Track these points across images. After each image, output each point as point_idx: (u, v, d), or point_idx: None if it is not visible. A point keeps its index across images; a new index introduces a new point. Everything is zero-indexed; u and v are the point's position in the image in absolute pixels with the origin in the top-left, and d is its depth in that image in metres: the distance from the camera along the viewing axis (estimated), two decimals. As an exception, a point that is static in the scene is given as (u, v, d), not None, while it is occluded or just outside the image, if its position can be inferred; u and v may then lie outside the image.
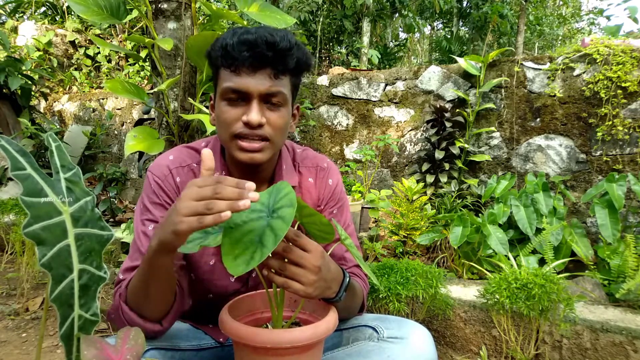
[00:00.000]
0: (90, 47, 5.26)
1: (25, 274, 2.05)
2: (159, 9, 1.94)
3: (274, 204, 0.63)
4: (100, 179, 3.48)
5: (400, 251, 2.19)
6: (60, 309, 0.45)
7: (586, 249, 1.98)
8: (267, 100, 0.81)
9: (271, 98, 0.81)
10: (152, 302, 0.76)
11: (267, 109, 0.81)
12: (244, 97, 0.80)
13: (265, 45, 0.77)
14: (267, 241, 0.57)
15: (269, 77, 0.79)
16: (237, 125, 0.80)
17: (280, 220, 0.59)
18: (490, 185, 2.40)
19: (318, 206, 0.98)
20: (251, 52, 0.77)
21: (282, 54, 0.78)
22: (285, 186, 0.64)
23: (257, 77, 0.79)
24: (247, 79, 0.78)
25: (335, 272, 0.75)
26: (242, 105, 0.81)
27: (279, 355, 0.64)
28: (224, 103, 0.81)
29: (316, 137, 3.33)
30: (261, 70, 0.79)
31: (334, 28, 5.96)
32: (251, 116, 0.79)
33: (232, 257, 0.57)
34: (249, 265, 0.56)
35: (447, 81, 2.83)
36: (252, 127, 0.80)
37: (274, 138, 0.83)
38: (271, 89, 0.79)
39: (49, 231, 0.44)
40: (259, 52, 0.77)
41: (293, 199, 0.60)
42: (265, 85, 0.79)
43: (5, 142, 0.44)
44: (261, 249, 0.56)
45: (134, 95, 1.76)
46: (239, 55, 0.77)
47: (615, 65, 2.28)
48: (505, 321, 1.36)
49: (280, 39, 0.77)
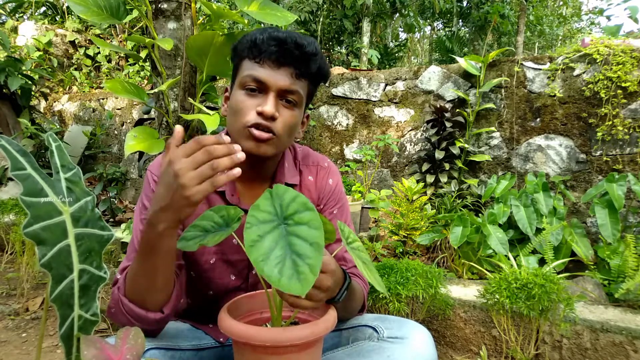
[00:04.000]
0: (90, 47, 5.26)
1: (25, 274, 2.05)
2: (159, 9, 1.94)
3: (281, 210, 0.61)
4: (100, 179, 3.48)
5: (400, 251, 2.19)
6: (60, 309, 0.45)
7: (586, 249, 1.98)
8: (283, 96, 0.83)
9: (288, 95, 0.83)
10: (155, 289, 0.75)
11: (282, 105, 0.83)
12: (263, 88, 0.82)
13: (293, 44, 0.80)
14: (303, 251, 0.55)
15: (291, 76, 0.82)
16: (251, 115, 0.82)
17: (305, 227, 0.57)
18: (490, 185, 2.40)
19: (318, 205, 0.98)
20: (279, 48, 0.80)
21: (307, 56, 0.82)
22: (285, 190, 0.62)
23: (279, 72, 0.81)
24: (270, 72, 0.81)
25: (339, 279, 0.75)
26: (259, 97, 0.82)
27: (278, 354, 0.64)
28: (242, 92, 0.83)
29: (316, 137, 3.33)
30: (285, 67, 0.81)
31: (334, 28, 5.96)
32: (266, 107, 0.80)
33: (278, 277, 0.54)
34: (305, 283, 0.53)
35: (447, 81, 2.83)
36: (265, 118, 0.81)
37: (281, 135, 0.84)
38: (291, 86, 0.82)
39: (49, 231, 0.44)
40: (287, 48, 0.80)
41: (307, 202, 0.59)
42: (286, 81, 0.81)
43: (5, 142, 0.44)
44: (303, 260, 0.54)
45: (134, 95, 1.76)
46: (266, 48, 0.80)
47: (615, 65, 2.28)
48: (505, 321, 1.36)
49: (308, 43, 0.82)
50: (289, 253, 0.56)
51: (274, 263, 0.56)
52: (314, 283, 0.58)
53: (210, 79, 1.94)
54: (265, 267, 0.55)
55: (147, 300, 0.76)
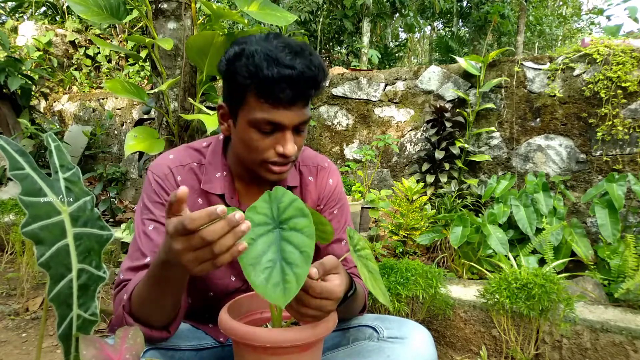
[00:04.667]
0: (90, 47, 5.26)
1: (25, 274, 2.05)
2: (159, 9, 1.94)
3: (278, 214, 0.61)
4: (100, 179, 3.48)
5: (400, 251, 2.19)
6: (59, 308, 0.45)
7: (586, 249, 1.98)
8: (297, 129, 0.81)
9: (301, 126, 0.81)
10: (164, 311, 0.75)
11: (295, 135, 0.81)
12: (277, 128, 0.79)
13: (306, 82, 0.75)
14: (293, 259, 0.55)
15: (303, 107, 0.78)
16: (269, 154, 0.80)
17: (299, 234, 0.57)
18: (490, 185, 2.40)
19: (318, 205, 0.98)
20: (294, 91, 0.74)
21: (319, 85, 0.78)
22: (284, 193, 0.62)
23: (293, 110, 0.77)
24: (285, 113, 0.76)
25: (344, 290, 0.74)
26: (274, 134, 0.79)
27: (278, 355, 0.64)
28: (255, 131, 0.79)
29: (316, 137, 3.33)
30: (297, 102, 0.77)
31: (334, 28, 5.96)
32: (288, 148, 0.78)
33: (264, 285, 0.54)
34: (288, 293, 0.53)
35: (447, 81, 2.83)
36: (286, 157, 0.80)
37: (297, 157, 0.84)
38: (304, 118, 0.79)
39: (47, 231, 0.44)
40: (302, 91, 0.75)
41: (303, 208, 0.58)
42: (301, 117, 0.79)
43: (4, 142, 0.44)
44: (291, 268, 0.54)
45: (134, 95, 1.76)
46: (280, 92, 0.74)
47: (615, 65, 2.28)
48: (505, 321, 1.36)
49: (317, 70, 0.75)
50: (280, 259, 0.56)
51: (262, 268, 0.56)
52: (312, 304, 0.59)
53: (210, 79, 1.94)
54: (252, 273, 0.55)
55: (153, 321, 0.76)
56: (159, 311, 0.75)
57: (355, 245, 0.69)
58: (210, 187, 0.89)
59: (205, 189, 0.89)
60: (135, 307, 0.74)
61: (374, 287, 0.65)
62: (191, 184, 0.90)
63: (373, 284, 0.65)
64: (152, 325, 0.76)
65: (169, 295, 0.72)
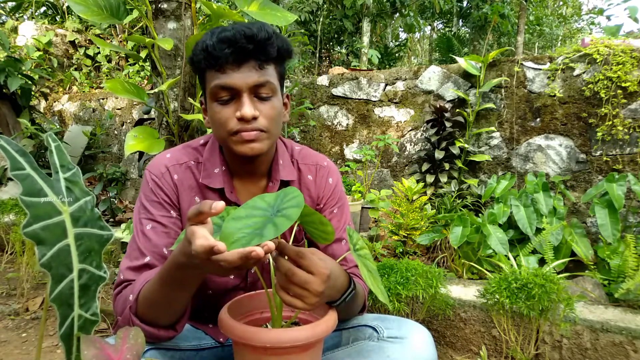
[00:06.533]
0: (90, 47, 5.26)
1: (25, 274, 2.05)
2: (159, 9, 1.94)
3: (279, 205, 0.61)
4: (100, 179, 3.48)
5: (400, 251, 2.19)
6: (60, 308, 0.45)
7: (586, 249, 1.98)
8: (256, 93, 0.82)
9: (260, 89, 0.81)
10: (174, 310, 0.75)
11: (257, 101, 0.82)
12: (234, 93, 0.81)
13: (244, 39, 0.78)
14: (267, 232, 0.56)
15: (255, 69, 0.80)
16: (232, 123, 0.81)
17: (283, 218, 0.58)
18: (490, 185, 2.40)
19: (317, 204, 0.98)
20: (232, 48, 0.78)
21: (263, 44, 0.79)
22: (294, 191, 0.63)
23: (242, 71, 0.79)
24: (234, 75, 0.79)
25: (340, 286, 0.74)
26: (234, 103, 0.81)
27: (278, 355, 0.64)
28: (215, 104, 0.82)
29: (316, 137, 3.33)
30: (245, 63, 0.79)
31: (334, 28, 5.96)
32: (244, 110, 0.79)
33: (230, 241, 0.56)
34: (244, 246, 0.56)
35: (447, 81, 2.83)
36: (247, 121, 0.80)
37: (269, 128, 0.83)
38: (259, 79, 0.80)
39: (48, 231, 0.44)
40: (240, 46, 0.78)
41: (300, 201, 0.60)
42: (253, 77, 0.80)
43: (4, 142, 0.44)
44: (260, 237, 0.55)
45: (134, 95, 1.76)
46: (221, 53, 0.78)
47: (615, 65, 2.28)
48: (505, 321, 1.36)
49: (257, 30, 0.78)
50: (270, 222, 0.58)
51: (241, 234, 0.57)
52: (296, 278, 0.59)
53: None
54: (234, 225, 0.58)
55: (161, 321, 0.76)
56: (169, 311, 0.75)
57: (355, 244, 0.70)
58: (210, 182, 0.90)
59: (205, 183, 0.90)
60: (143, 308, 0.74)
61: (374, 286, 0.66)
62: (188, 182, 0.90)
63: (372, 282, 0.66)
64: (160, 325, 0.76)
65: (181, 295, 0.73)
